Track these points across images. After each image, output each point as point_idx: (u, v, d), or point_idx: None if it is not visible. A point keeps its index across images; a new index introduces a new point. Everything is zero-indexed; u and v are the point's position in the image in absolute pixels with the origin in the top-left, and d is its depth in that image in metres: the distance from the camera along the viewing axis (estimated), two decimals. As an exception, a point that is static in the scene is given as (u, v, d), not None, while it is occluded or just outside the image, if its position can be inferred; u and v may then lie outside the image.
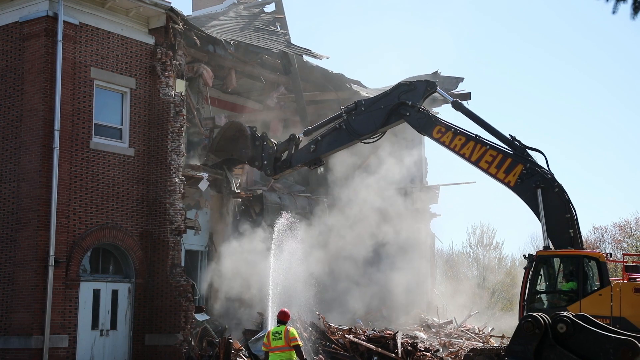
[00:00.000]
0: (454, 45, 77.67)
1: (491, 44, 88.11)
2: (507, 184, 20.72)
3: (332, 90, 30.88)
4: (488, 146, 21.08)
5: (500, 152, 20.91)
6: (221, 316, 24.67)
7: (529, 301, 19.33)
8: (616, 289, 18.50)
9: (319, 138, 23.06)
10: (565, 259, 19.67)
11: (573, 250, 19.65)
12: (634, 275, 19.41)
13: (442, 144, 21.69)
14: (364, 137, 22.75)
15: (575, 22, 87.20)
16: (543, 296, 19.71)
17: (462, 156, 21.33)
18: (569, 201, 20.18)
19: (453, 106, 22.12)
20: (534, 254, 19.81)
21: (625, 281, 19.01)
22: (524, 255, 20.03)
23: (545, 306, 19.06)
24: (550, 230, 20.03)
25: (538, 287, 19.60)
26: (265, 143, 23.96)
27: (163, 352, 20.96)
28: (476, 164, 21.15)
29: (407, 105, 22.09)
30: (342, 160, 28.74)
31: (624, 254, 21.98)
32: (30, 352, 19.00)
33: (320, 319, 22.67)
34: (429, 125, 21.96)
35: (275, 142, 24.07)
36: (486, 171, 21.05)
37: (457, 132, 21.49)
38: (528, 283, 19.47)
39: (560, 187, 20.20)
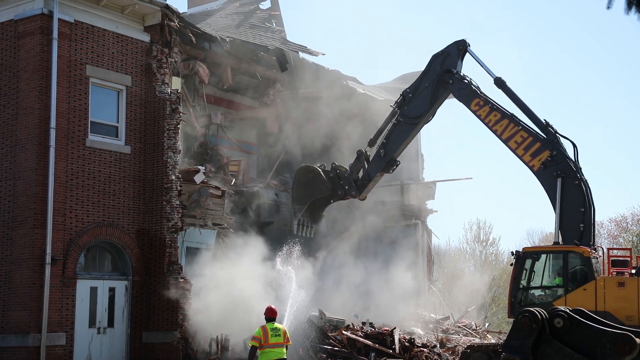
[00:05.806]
0: (452, 36, 77.62)
1: (488, 36, 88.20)
2: (531, 168, 20.88)
3: (328, 86, 30.86)
4: (520, 127, 21.25)
5: (531, 135, 21.05)
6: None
7: (516, 297, 19.48)
8: (600, 284, 18.67)
9: (385, 141, 23.70)
10: (550, 254, 19.84)
11: (557, 246, 19.83)
12: (619, 269, 19.61)
13: (478, 117, 21.99)
14: (422, 118, 23.24)
15: (572, 14, 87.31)
16: (530, 292, 19.83)
17: (495, 132, 21.60)
18: (588, 196, 20.18)
19: (495, 83, 22.18)
20: (521, 250, 20.04)
21: (610, 275, 19.20)
22: (512, 252, 20.18)
23: (532, 302, 19.17)
24: (562, 222, 20.13)
25: (525, 283, 19.75)
26: (338, 171, 24.84)
27: (160, 349, 20.94)
28: (506, 142, 21.36)
29: (451, 73, 22.48)
30: (340, 157, 28.71)
31: (608, 249, 22.23)
32: (28, 350, 19.00)
33: (321, 316, 22.65)
34: (469, 97, 22.25)
35: (346, 168, 24.79)
36: (514, 151, 21.24)
37: (494, 107, 21.75)
38: (515, 279, 19.64)
39: (582, 180, 20.22)
